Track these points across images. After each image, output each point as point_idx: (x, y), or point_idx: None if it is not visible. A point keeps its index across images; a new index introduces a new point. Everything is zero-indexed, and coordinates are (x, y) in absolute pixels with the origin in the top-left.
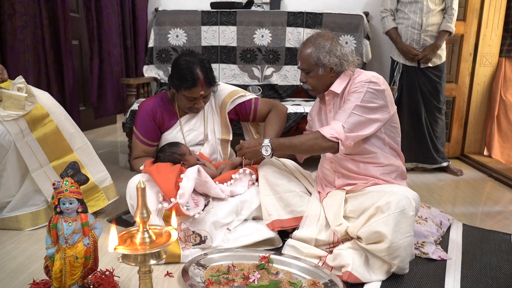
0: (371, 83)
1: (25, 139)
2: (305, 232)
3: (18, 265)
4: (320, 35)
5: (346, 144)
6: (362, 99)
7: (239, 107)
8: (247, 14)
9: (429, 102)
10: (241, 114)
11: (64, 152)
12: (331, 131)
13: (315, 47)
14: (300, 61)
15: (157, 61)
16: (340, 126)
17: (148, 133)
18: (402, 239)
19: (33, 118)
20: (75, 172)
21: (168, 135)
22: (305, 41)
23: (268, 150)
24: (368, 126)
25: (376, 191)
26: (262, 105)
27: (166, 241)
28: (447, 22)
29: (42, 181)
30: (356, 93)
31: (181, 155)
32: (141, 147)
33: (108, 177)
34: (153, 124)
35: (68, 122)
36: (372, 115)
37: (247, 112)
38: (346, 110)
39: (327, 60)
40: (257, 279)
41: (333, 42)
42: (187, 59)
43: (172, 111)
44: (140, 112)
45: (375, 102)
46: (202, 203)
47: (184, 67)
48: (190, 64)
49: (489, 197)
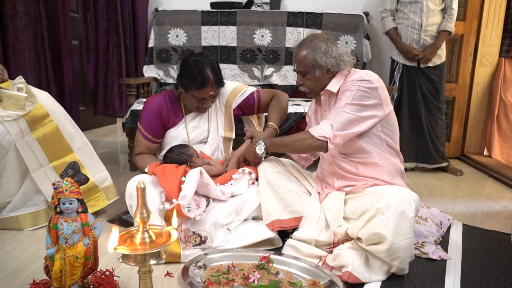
0: (363, 81)
1: (25, 139)
2: (305, 233)
3: (18, 265)
4: (315, 37)
5: (335, 142)
6: (353, 97)
7: (243, 103)
8: (247, 14)
9: (429, 102)
10: (245, 108)
11: (64, 152)
12: (319, 130)
13: (310, 48)
14: (296, 63)
15: (157, 61)
16: (329, 125)
17: (152, 130)
18: (402, 241)
19: (33, 118)
20: (75, 172)
21: (173, 132)
22: (300, 43)
23: (262, 148)
24: (358, 124)
25: (376, 192)
26: (264, 95)
27: (166, 241)
28: (446, 22)
29: (42, 181)
30: (347, 92)
31: (189, 156)
32: (145, 143)
33: (108, 177)
34: (158, 121)
35: (68, 122)
36: (363, 112)
37: (251, 105)
38: (336, 109)
39: (323, 61)
40: (257, 279)
41: (328, 43)
42: (197, 59)
43: (178, 109)
44: (146, 108)
45: (366, 100)
46: (203, 205)
47: (194, 68)
48: (200, 64)
49: (489, 197)
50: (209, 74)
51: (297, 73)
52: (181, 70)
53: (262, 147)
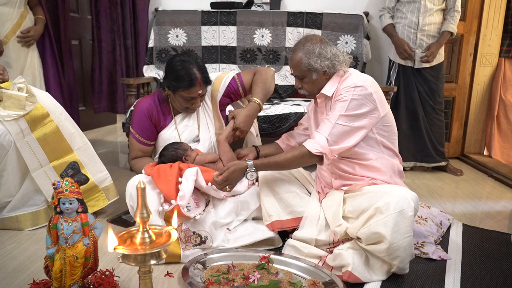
0: (356, 88)
1: (25, 139)
2: (305, 233)
3: (18, 265)
4: (308, 39)
5: (331, 156)
6: (347, 107)
7: (227, 90)
8: (247, 14)
9: (425, 102)
10: (232, 94)
11: (64, 152)
12: (315, 145)
13: (304, 53)
14: (292, 68)
15: (157, 61)
16: (324, 140)
17: (144, 133)
18: (401, 240)
19: (33, 118)
20: (75, 172)
21: (164, 134)
22: (293, 47)
23: (254, 175)
24: (353, 135)
25: (375, 192)
26: (245, 76)
27: (166, 241)
28: (449, 23)
29: (42, 181)
30: (341, 102)
31: (184, 150)
32: (138, 146)
33: (108, 177)
34: (149, 123)
35: (68, 122)
36: (358, 122)
37: (236, 89)
38: (330, 121)
39: (318, 65)
40: (257, 279)
41: (321, 45)
42: (182, 59)
43: (167, 110)
44: (136, 112)
45: (361, 108)
46: (203, 204)
47: (180, 68)
48: (186, 64)
49: (489, 197)
50: (196, 73)
51: (294, 77)
52: (167, 71)
53: (253, 174)
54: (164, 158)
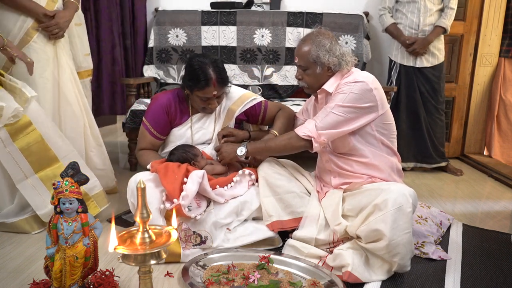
0: (357, 83)
1: (7, 149)
2: (305, 232)
3: (18, 265)
4: (320, 33)
5: (320, 141)
6: (345, 99)
7: (249, 110)
8: (247, 14)
9: (427, 102)
10: (250, 115)
11: (50, 162)
12: (304, 129)
13: (315, 44)
14: (298, 57)
15: (157, 61)
16: (313, 125)
17: (159, 126)
18: (400, 236)
19: (15, 127)
20: (75, 172)
21: (178, 131)
22: (304, 37)
23: (243, 150)
24: (346, 124)
25: (373, 189)
26: (271, 107)
27: (166, 241)
28: (442, 19)
29: (28, 192)
30: (340, 94)
31: (194, 155)
32: (149, 139)
33: (97, 184)
34: (166, 117)
35: (52, 130)
36: (353, 114)
37: (257, 113)
38: (326, 109)
39: (326, 59)
40: (257, 279)
41: (333, 41)
42: (200, 59)
43: (185, 108)
44: (154, 104)
45: (359, 102)
46: (204, 204)
47: (197, 68)
48: (202, 64)
49: (489, 197)
50: (211, 74)
51: (297, 67)
52: (185, 71)
53: (243, 150)
54: (173, 157)
